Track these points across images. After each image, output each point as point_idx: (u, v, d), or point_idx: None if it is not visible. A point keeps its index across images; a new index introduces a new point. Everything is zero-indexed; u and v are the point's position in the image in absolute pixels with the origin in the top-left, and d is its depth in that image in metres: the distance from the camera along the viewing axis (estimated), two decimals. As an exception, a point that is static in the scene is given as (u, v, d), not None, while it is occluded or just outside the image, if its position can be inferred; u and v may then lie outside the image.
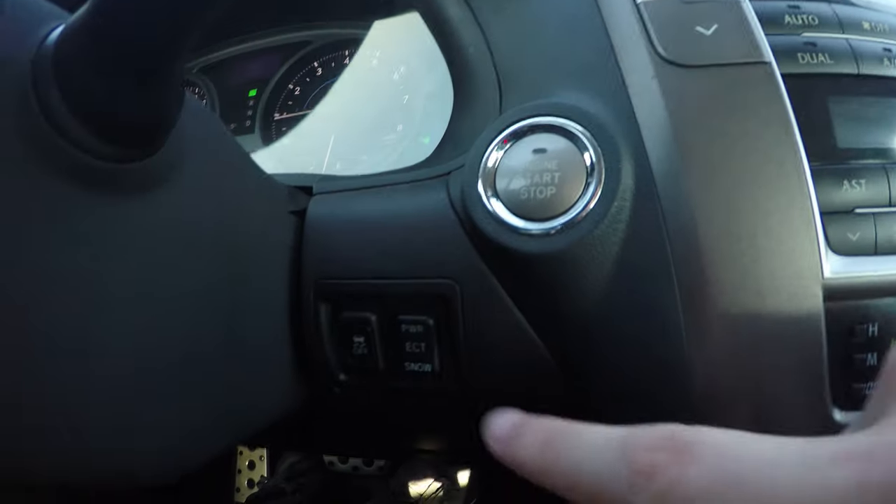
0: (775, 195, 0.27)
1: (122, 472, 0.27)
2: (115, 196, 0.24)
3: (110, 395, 0.25)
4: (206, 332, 0.29)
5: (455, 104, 0.40)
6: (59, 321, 0.23)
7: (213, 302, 0.29)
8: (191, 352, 0.28)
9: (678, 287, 0.27)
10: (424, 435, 0.46)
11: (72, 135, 0.22)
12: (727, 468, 0.16)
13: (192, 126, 0.28)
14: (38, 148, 0.21)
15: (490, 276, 0.31)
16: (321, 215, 0.35)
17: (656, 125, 0.29)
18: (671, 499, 0.17)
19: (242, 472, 1.20)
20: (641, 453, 0.18)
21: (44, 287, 0.22)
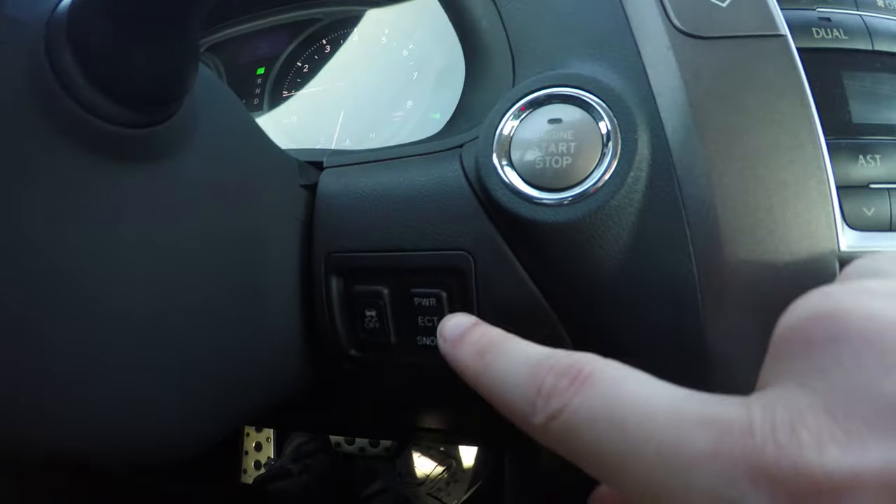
0: (791, 167, 0.27)
1: (124, 449, 0.27)
2: (128, 162, 0.24)
3: (117, 368, 0.25)
4: (217, 305, 0.29)
5: (467, 77, 0.39)
6: (69, 287, 0.23)
7: (225, 274, 0.29)
8: (201, 325, 0.28)
9: (694, 257, 0.27)
10: (433, 413, 0.46)
11: (85, 99, 0.21)
12: (608, 405, 0.18)
13: (205, 95, 0.28)
14: (51, 113, 0.21)
15: (504, 248, 0.30)
16: (332, 188, 0.35)
17: (672, 96, 0.29)
18: (559, 422, 0.19)
19: (249, 453, 1.21)
20: (546, 377, 0.20)
21: (55, 252, 0.22)
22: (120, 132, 0.23)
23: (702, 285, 0.27)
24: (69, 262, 0.22)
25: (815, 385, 0.15)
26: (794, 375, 0.16)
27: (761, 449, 0.14)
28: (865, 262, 0.19)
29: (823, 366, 0.15)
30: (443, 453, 1.00)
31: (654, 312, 0.28)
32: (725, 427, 0.15)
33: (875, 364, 0.14)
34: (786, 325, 0.17)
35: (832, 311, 0.16)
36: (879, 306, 0.15)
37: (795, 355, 0.16)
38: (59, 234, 0.22)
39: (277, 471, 1.02)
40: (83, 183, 0.23)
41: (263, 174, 0.33)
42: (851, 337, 0.15)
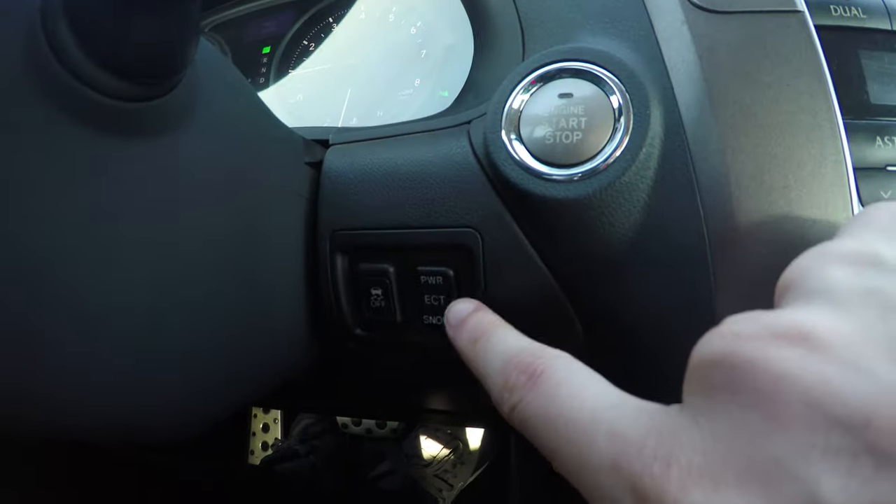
0: (808, 146, 0.27)
1: (125, 428, 0.27)
2: (127, 136, 0.23)
3: (118, 346, 0.24)
4: (220, 283, 0.29)
5: (476, 53, 0.39)
6: (67, 264, 0.22)
7: (227, 252, 0.29)
8: (204, 303, 0.28)
9: (708, 237, 0.27)
10: (439, 394, 0.46)
11: (82, 72, 0.21)
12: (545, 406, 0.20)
13: (208, 70, 0.27)
14: (48, 86, 0.21)
15: (513, 225, 0.30)
16: (337, 165, 0.35)
17: (686, 71, 0.28)
18: (516, 414, 0.21)
19: (256, 434, 1.22)
20: (512, 371, 0.23)
21: (52, 228, 0.22)
22: (118, 106, 0.22)
23: (715, 266, 0.27)
24: (65, 237, 0.22)
25: (705, 426, 0.15)
26: (693, 408, 0.16)
27: (641, 473, 0.16)
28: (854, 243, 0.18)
29: (715, 410, 0.15)
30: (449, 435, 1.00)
31: (664, 292, 0.28)
32: (624, 445, 0.17)
33: (760, 422, 0.14)
34: (696, 358, 0.17)
35: (733, 359, 0.15)
36: (783, 357, 0.15)
37: (696, 389, 0.17)
38: (55, 209, 0.22)
39: (285, 452, 1.03)
40: (80, 156, 0.22)
41: (267, 151, 0.32)
42: (744, 390, 0.15)
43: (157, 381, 0.26)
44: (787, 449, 0.14)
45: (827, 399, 0.13)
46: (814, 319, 0.15)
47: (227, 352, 0.30)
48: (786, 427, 0.14)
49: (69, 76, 0.21)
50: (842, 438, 0.13)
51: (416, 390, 0.45)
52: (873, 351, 0.14)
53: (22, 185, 0.21)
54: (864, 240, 0.18)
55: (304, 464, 1.00)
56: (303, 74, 0.53)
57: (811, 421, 0.13)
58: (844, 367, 0.14)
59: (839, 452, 0.13)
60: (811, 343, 0.14)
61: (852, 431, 0.13)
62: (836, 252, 0.17)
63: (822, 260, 0.17)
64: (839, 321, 0.15)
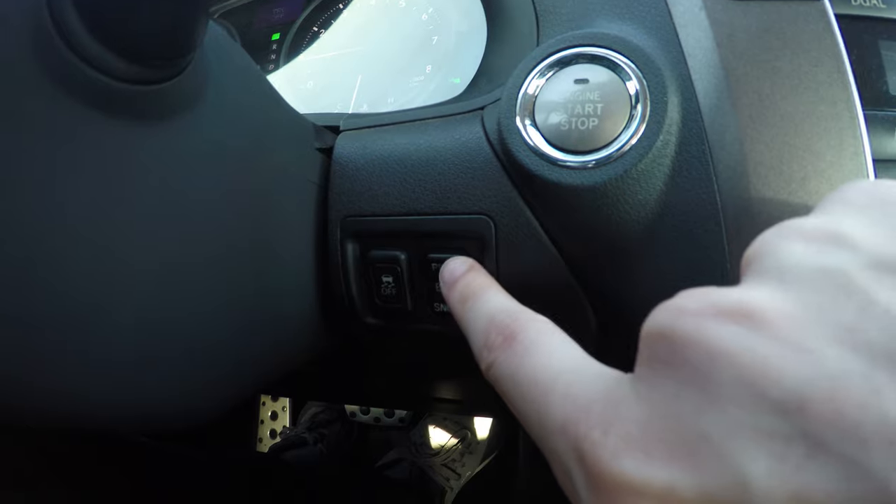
0: (827, 136, 0.26)
1: (134, 416, 0.27)
2: (136, 120, 0.23)
3: (130, 333, 0.24)
4: (229, 269, 0.29)
5: (489, 39, 0.38)
6: (73, 247, 0.22)
7: (236, 238, 0.29)
8: (213, 288, 0.28)
9: (724, 227, 0.26)
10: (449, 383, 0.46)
11: (91, 55, 0.21)
12: (513, 368, 0.21)
13: (217, 54, 0.27)
14: (55, 69, 0.20)
15: (526, 212, 0.30)
16: (348, 151, 0.34)
17: (704, 58, 0.28)
18: (491, 373, 0.22)
19: (265, 422, 1.23)
20: (492, 331, 0.23)
21: (60, 211, 0.21)
22: (127, 89, 0.22)
23: (732, 257, 0.26)
24: (73, 220, 0.22)
25: (644, 398, 0.16)
26: (638, 380, 0.16)
27: (584, 437, 0.16)
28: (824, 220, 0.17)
29: (655, 383, 0.16)
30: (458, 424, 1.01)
31: (679, 282, 0.27)
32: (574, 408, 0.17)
33: (695, 397, 0.14)
34: (644, 330, 0.17)
35: (675, 334, 0.15)
36: (722, 335, 0.14)
37: (643, 361, 0.17)
38: (63, 192, 0.21)
39: (293, 439, 1.04)
40: (89, 139, 0.22)
41: (277, 136, 0.32)
42: (682, 366, 0.15)
43: (165, 368, 0.26)
44: (716, 427, 0.13)
45: (761, 379, 0.13)
46: (761, 297, 0.15)
47: (236, 339, 0.30)
48: (717, 405, 0.14)
49: (77, 59, 0.20)
50: (774, 420, 0.13)
51: (425, 379, 0.45)
52: (819, 333, 0.13)
53: (30, 168, 0.21)
54: (831, 216, 0.17)
55: (312, 452, 1.00)
56: (313, 61, 0.53)
57: (742, 400, 0.13)
58: (784, 348, 0.13)
59: (772, 435, 0.13)
60: (754, 322, 0.14)
61: (786, 415, 0.12)
62: (798, 228, 0.17)
63: (782, 236, 0.17)
64: (788, 301, 0.14)
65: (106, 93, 0.21)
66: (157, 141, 0.24)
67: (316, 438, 1.04)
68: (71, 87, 0.21)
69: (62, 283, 0.22)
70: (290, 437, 1.06)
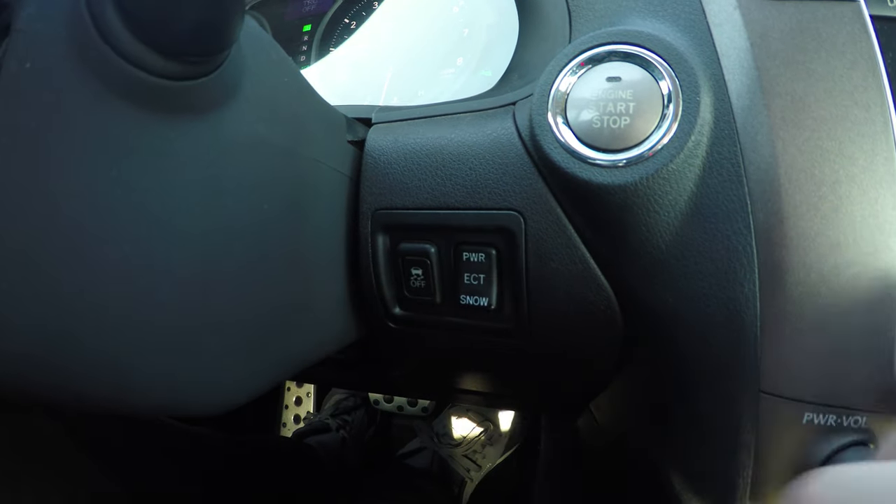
0: (860, 140, 0.26)
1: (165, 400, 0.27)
2: (174, 114, 0.23)
3: (170, 319, 0.25)
4: (263, 259, 0.29)
5: (521, 33, 0.38)
6: (118, 242, 0.23)
7: (270, 228, 0.29)
8: (247, 277, 0.28)
9: (754, 229, 0.26)
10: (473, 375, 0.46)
11: (129, 52, 0.21)
12: None
13: (252, 49, 0.28)
14: (94, 66, 0.21)
15: (556, 209, 0.30)
16: (380, 144, 0.35)
17: (737, 58, 0.27)
18: None
19: (289, 407, 1.24)
20: None
21: (100, 203, 0.22)
22: (165, 84, 0.22)
23: (760, 260, 0.26)
24: (115, 209, 0.22)
25: None
26: None
27: None
28: None
29: None
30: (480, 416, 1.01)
31: (706, 284, 0.27)
32: None
33: None
34: None
35: None
36: None
37: None
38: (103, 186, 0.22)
39: (316, 425, 1.04)
40: (127, 134, 0.22)
41: (311, 128, 0.32)
42: None
43: (199, 352, 0.27)
44: None
45: None
46: None
47: (268, 326, 0.30)
48: None
49: (116, 56, 0.21)
50: None
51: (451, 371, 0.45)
52: None
53: (70, 163, 0.21)
54: None
55: (334, 438, 1.01)
56: (344, 53, 0.53)
57: None
58: None
59: None
60: None
61: None
62: None
63: None
64: None
65: (145, 88, 0.22)
66: (196, 134, 0.25)
67: (339, 425, 1.05)
68: (111, 83, 0.21)
69: (103, 270, 0.22)
70: (313, 422, 1.07)
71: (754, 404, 0.27)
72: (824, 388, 0.26)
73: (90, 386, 0.24)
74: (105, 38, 0.20)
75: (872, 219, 0.25)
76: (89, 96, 0.21)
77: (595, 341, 0.33)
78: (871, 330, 0.26)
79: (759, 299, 0.26)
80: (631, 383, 0.34)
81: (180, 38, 0.22)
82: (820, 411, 0.26)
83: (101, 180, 0.22)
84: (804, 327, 0.26)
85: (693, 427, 0.30)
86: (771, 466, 0.27)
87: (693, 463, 0.30)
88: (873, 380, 0.26)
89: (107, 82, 0.21)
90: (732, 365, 0.27)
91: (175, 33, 0.21)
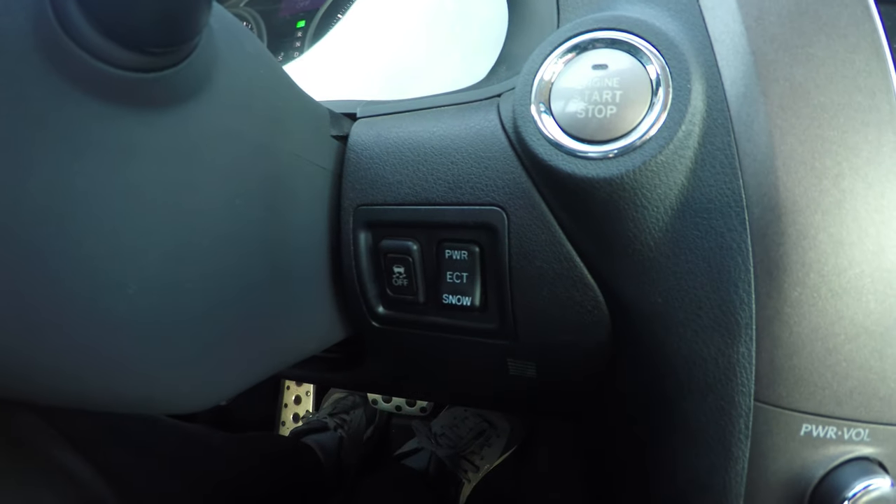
0: (864, 129, 0.24)
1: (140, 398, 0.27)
2: (142, 108, 0.23)
3: (141, 319, 0.24)
4: (241, 256, 0.28)
5: (510, 25, 0.37)
6: (81, 237, 0.22)
7: (249, 226, 0.28)
8: (224, 275, 0.27)
9: (749, 225, 0.25)
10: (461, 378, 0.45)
11: (91, 44, 0.20)
12: None
13: (226, 40, 0.27)
14: (57, 59, 0.20)
15: (541, 205, 0.29)
16: (363, 139, 0.34)
17: (731, 42, 0.26)
18: None
19: (288, 406, 1.25)
20: None
21: (64, 202, 0.21)
22: (130, 77, 0.21)
23: (756, 258, 0.25)
24: (79, 209, 0.22)
25: None
26: None
27: None
28: None
29: None
30: (479, 417, 1.00)
31: (698, 284, 0.26)
32: None
33: None
34: None
35: None
36: None
37: None
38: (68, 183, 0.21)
39: (314, 424, 1.04)
40: (93, 129, 0.22)
41: (291, 123, 0.31)
42: None
43: (173, 349, 0.26)
44: None
45: None
46: None
47: (246, 323, 0.30)
48: None
49: (78, 49, 0.20)
50: None
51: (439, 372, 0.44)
52: None
53: (33, 159, 0.20)
54: None
55: (332, 437, 1.01)
56: (337, 48, 0.53)
57: None
58: None
59: None
60: None
61: None
62: None
63: None
64: None
65: (109, 81, 0.21)
66: (164, 128, 0.24)
67: (337, 424, 1.04)
68: (73, 77, 0.21)
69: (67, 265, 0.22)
70: (311, 421, 1.07)
71: (748, 415, 0.26)
72: (824, 397, 0.25)
73: (59, 381, 0.24)
74: (67, 30, 0.20)
75: (878, 214, 0.24)
76: (52, 90, 0.20)
77: (583, 343, 0.32)
78: (875, 335, 0.24)
79: (755, 301, 0.25)
80: (621, 387, 0.33)
81: (140, 29, 0.21)
82: (819, 423, 0.25)
83: (63, 175, 0.21)
84: (803, 331, 0.24)
85: (682, 437, 0.28)
86: (765, 482, 0.26)
87: (682, 474, 0.29)
88: (877, 389, 0.25)
89: (70, 76, 0.21)
90: (725, 371, 0.26)
91: (134, 24, 0.21)
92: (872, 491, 0.24)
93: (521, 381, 0.38)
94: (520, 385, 0.39)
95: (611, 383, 0.34)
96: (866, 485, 0.24)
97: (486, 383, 0.42)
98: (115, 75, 0.21)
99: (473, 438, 0.98)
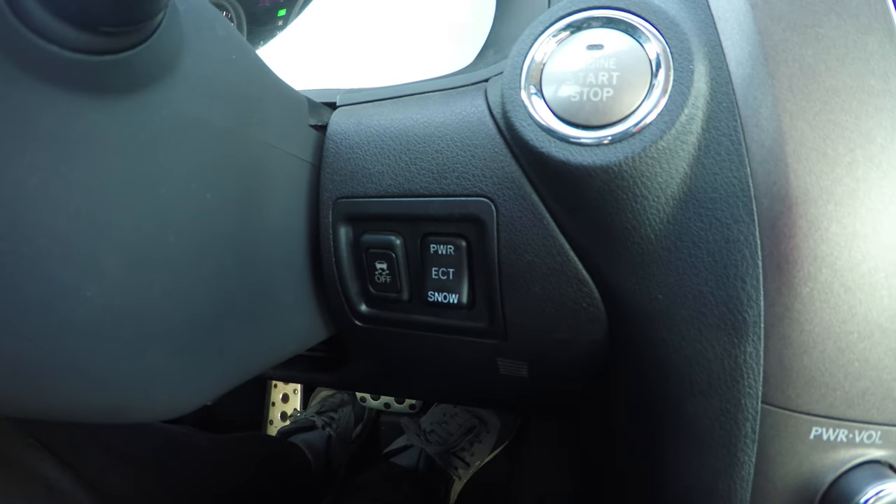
0: (878, 115, 0.23)
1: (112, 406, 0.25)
2: (99, 93, 0.21)
3: (103, 325, 0.23)
4: (215, 255, 0.27)
5: (498, 6, 0.36)
6: (35, 235, 0.21)
7: (216, 220, 0.27)
8: (195, 274, 0.26)
9: (757, 216, 0.24)
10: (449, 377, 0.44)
11: (41, 26, 0.19)
12: None
13: (194, 22, 0.25)
14: (5, 43, 0.19)
15: (531, 195, 0.27)
16: (343, 128, 0.33)
17: (736, 21, 0.25)
18: None
19: (276, 404, 1.24)
20: None
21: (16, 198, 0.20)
22: (84, 60, 0.20)
23: (764, 251, 0.24)
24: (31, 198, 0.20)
25: None
26: None
27: None
28: None
29: None
30: (469, 413, 1.00)
31: (702, 280, 0.25)
32: None
33: None
34: None
35: None
36: None
37: None
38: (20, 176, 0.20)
39: (302, 423, 1.04)
40: (47, 117, 0.20)
41: (265, 111, 0.30)
42: None
43: (139, 354, 0.25)
44: None
45: None
46: None
47: (222, 328, 0.28)
48: None
49: (26, 29, 0.19)
50: None
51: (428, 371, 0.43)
52: None
53: None
54: None
55: (320, 436, 1.00)
56: (318, 35, 0.51)
57: None
58: None
59: None
60: None
61: None
62: None
63: None
64: None
65: (62, 65, 0.20)
66: (125, 115, 0.22)
67: (325, 422, 1.04)
68: (22, 61, 0.19)
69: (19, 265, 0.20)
70: (298, 420, 1.06)
71: (755, 418, 0.24)
72: (836, 399, 0.24)
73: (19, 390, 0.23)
74: (13, 9, 0.18)
75: (893, 205, 0.23)
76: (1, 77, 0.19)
77: (578, 342, 0.30)
78: (890, 332, 0.23)
79: (763, 297, 0.24)
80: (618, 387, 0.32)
81: (92, 7, 0.19)
82: (829, 425, 0.24)
83: (13, 168, 0.20)
84: (814, 330, 0.23)
85: (684, 441, 0.27)
86: (772, 487, 0.25)
87: (684, 479, 0.27)
88: (891, 390, 0.24)
89: (18, 60, 0.19)
90: (731, 372, 0.25)
91: (85, 3, 0.19)
92: (885, 496, 0.23)
93: (512, 381, 0.37)
94: (511, 385, 0.37)
95: (608, 384, 0.33)
96: (879, 490, 0.23)
97: (476, 384, 0.41)
98: (67, 58, 0.20)
99: (463, 435, 0.97)
